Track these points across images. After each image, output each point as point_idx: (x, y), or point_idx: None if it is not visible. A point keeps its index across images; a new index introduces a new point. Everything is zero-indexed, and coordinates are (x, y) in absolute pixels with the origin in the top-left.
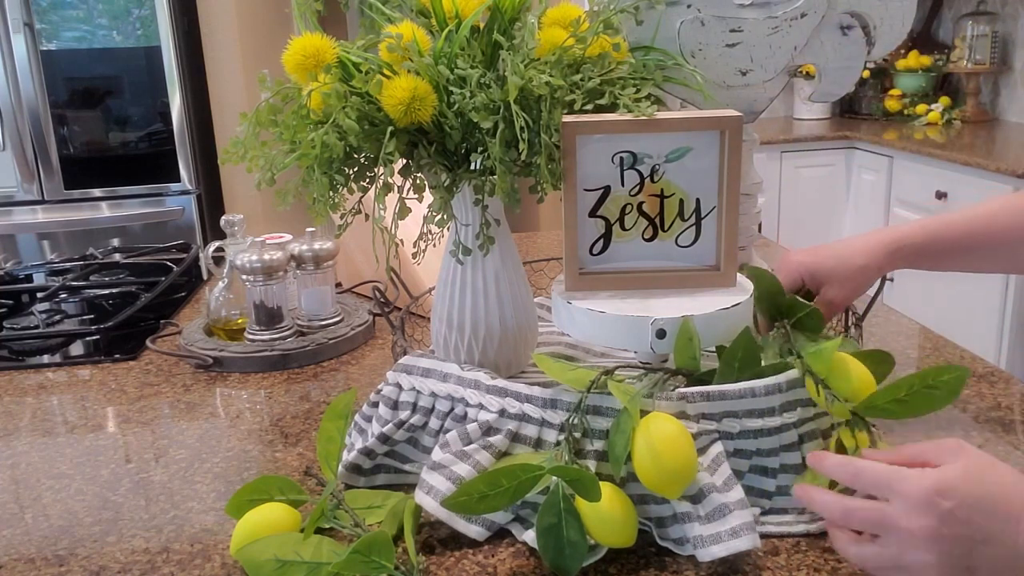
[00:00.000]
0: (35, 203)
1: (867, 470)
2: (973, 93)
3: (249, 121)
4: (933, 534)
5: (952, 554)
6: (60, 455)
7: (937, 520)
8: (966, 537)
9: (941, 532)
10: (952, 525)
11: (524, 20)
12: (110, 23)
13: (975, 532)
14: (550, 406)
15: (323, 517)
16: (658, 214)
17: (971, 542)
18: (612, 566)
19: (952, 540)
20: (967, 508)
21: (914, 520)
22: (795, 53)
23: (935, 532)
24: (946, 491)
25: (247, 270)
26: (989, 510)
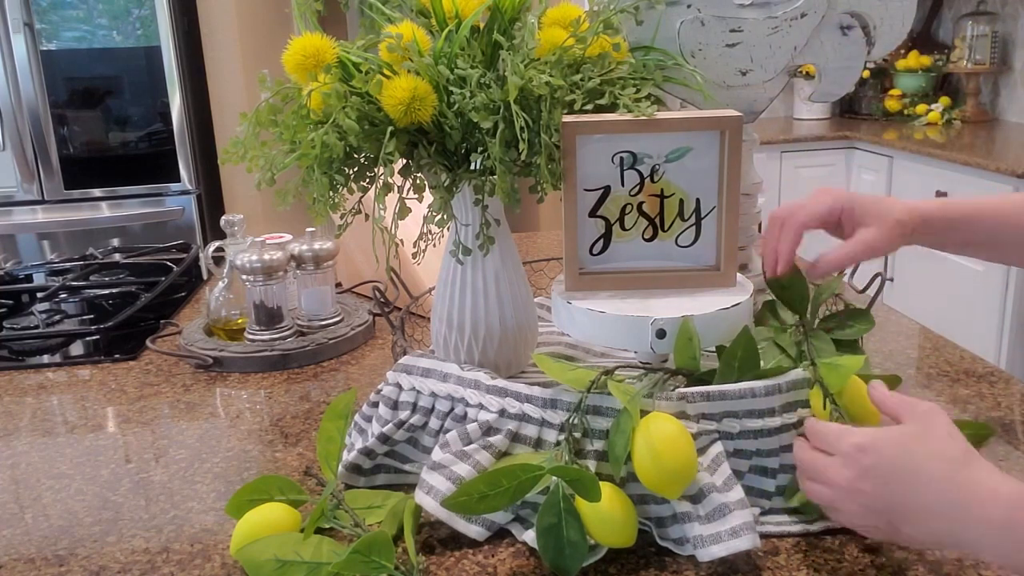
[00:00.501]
0: (35, 203)
1: (819, 428)
2: (973, 93)
3: (249, 121)
4: (852, 487)
5: (872, 508)
6: (60, 455)
7: (859, 473)
8: (882, 495)
9: (859, 486)
10: (871, 481)
11: (524, 20)
12: (110, 23)
13: (894, 494)
14: (550, 406)
15: (323, 517)
16: (658, 214)
17: (888, 501)
18: (612, 566)
19: (870, 495)
20: (885, 469)
21: (840, 472)
22: (795, 53)
23: (854, 485)
24: (869, 450)
25: (247, 270)
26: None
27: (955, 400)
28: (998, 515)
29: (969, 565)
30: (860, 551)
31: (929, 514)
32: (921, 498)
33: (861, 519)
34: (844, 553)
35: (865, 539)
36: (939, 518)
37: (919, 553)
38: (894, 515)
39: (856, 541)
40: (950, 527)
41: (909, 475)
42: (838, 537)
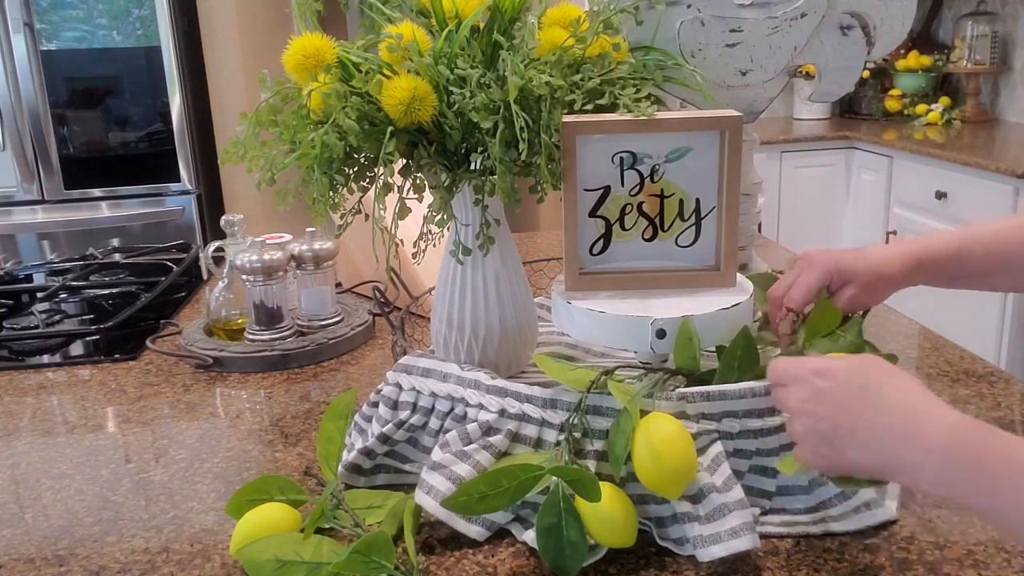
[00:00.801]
0: (35, 203)
1: (778, 364)
2: (973, 93)
3: (249, 121)
4: (804, 407)
5: (819, 429)
6: (60, 455)
7: (810, 395)
8: (834, 418)
9: (812, 408)
10: (822, 403)
11: (524, 20)
12: (110, 23)
13: (844, 416)
14: (550, 406)
15: (323, 517)
16: (658, 214)
17: (838, 422)
18: (612, 566)
19: (819, 417)
20: (839, 391)
21: (795, 395)
22: (795, 53)
23: (806, 407)
24: (822, 372)
25: (247, 270)
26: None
27: (955, 400)
28: (942, 439)
29: (969, 565)
30: (859, 551)
31: (876, 437)
32: (871, 420)
33: (805, 442)
34: (844, 553)
35: (865, 539)
36: (885, 441)
37: (919, 553)
38: (841, 438)
39: (856, 541)
40: (894, 451)
41: (863, 397)
42: (838, 537)
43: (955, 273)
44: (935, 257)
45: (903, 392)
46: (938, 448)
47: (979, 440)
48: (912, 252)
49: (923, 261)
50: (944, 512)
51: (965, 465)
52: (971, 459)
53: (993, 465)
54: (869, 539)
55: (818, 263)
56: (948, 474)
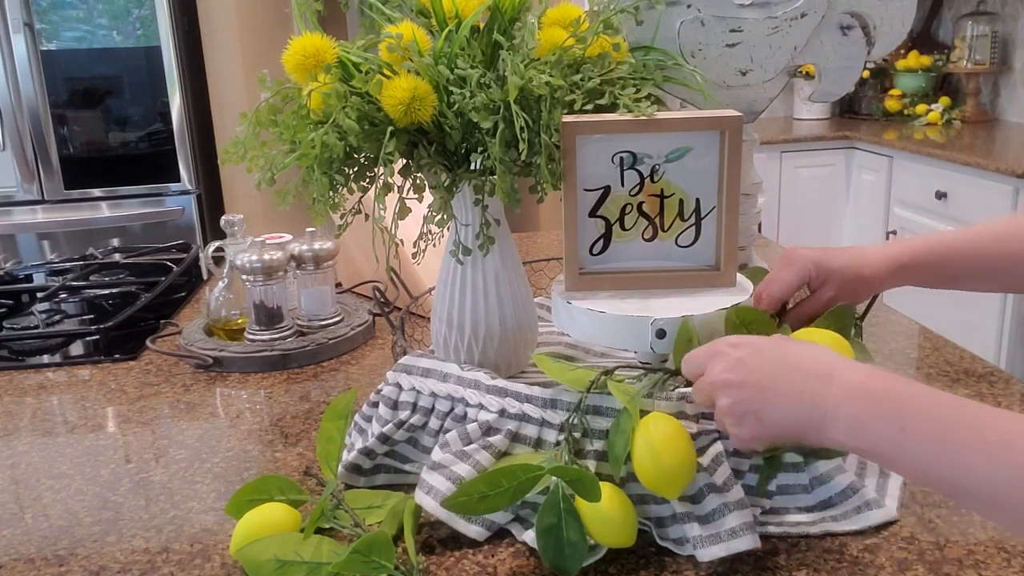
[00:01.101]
0: (35, 203)
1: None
2: (973, 93)
3: (249, 121)
4: (725, 380)
5: (741, 399)
6: (60, 455)
7: (729, 366)
8: (753, 383)
9: (730, 378)
10: (740, 371)
11: (524, 20)
12: (110, 23)
13: (762, 378)
14: (550, 406)
15: (323, 517)
16: (658, 214)
17: (757, 388)
18: (612, 566)
19: (740, 385)
20: (756, 357)
21: (713, 371)
22: (795, 53)
23: (726, 378)
24: (740, 344)
25: (247, 270)
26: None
27: None
28: (857, 379)
29: (969, 565)
30: (859, 551)
31: (793, 391)
32: (787, 377)
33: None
34: (844, 553)
35: (865, 539)
36: (803, 393)
37: (919, 553)
38: (760, 402)
39: (856, 541)
40: (812, 399)
41: (778, 358)
42: (838, 537)
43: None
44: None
45: (815, 351)
46: (850, 395)
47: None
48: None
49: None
50: (944, 512)
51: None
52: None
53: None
54: (869, 539)
55: (798, 260)
56: (861, 420)
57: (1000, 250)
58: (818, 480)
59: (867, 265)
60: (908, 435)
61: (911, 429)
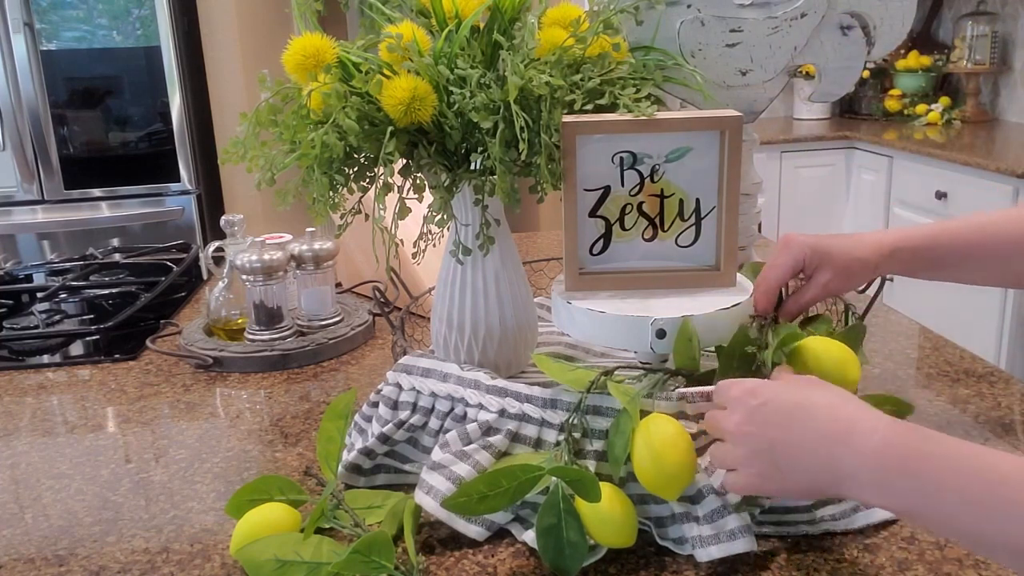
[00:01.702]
0: (35, 203)
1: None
2: (973, 93)
3: (249, 121)
4: (741, 429)
5: (758, 449)
6: (60, 455)
7: (746, 416)
8: (767, 435)
9: (747, 429)
10: (756, 422)
11: (524, 20)
12: (110, 23)
13: (776, 430)
14: (550, 406)
15: (323, 517)
16: (658, 214)
17: (772, 439)
18: (612, 566)
19: (757, 436)
20: (773, 407)
21: (730, 418)
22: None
23: (742, 427)
24: (757, 392)
25: (247, 270)
26: (794, 413)
27: (955, 400)
28: (874, 443)
29: (969, 565)
30: (859, 551)
31: (809, 449)
32: (802, 434)
33: (748, 467)
34: (843, 554)
35: (865, 539)
36: (818, 453)
37: (919, 553)
38: (777, 455)
39: (856, 541)
40: (829, 461)
41: (794, 412)
42: (838, 537)
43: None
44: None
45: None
46: (870, 453)
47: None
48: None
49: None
50: None
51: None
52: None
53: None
54: (869, 539)
55: (793, 245)
56: (884, 478)
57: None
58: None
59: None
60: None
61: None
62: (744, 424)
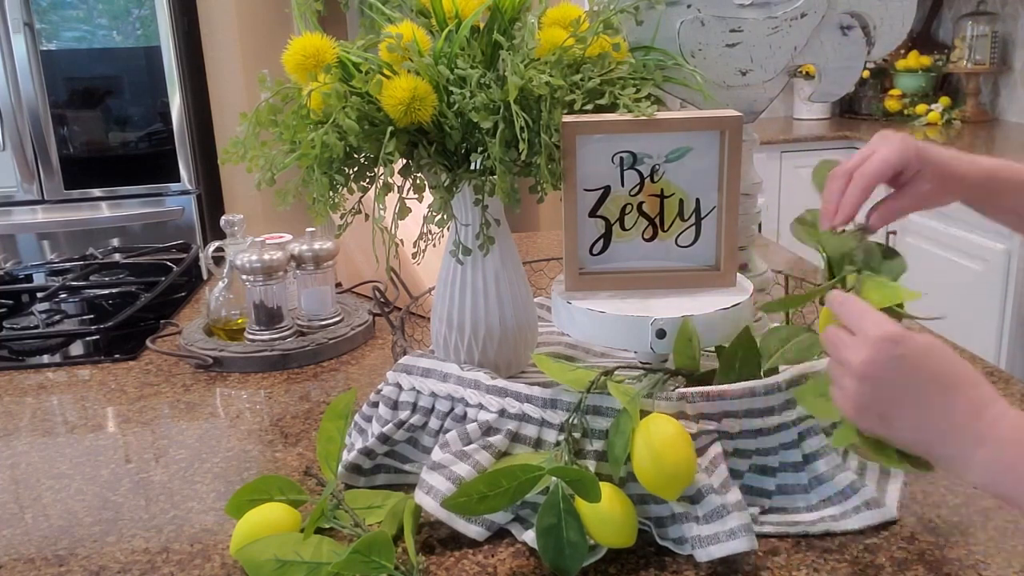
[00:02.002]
0: (35, 203)
1: (849, 303)
2: (973, 93)
3: (249, 121)
4: (865, 370)
5: (872, 395)
6: (60, 455)
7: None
8: (896, 386)
9: (873, 372)
10: (889, 370)
11: (524, 20)
12: (110, 23)
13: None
14: (550, 406)
15: (323, 517)
16: (658, 214)
17: (897, 393)
18: (612, 566)
19: (879, 381)
20: (912, 364)
21: (858, 352)
22: (795, 53)
23: (867, 368)
24: (902, 341)
25: (247, 270)
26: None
27: None
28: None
29: (969, 565)
30: (860, 551)
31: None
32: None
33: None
34: (844, 553)
35: (865, 539)
36: (940, 421)
37: (919, 553)
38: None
39: (856, 541)
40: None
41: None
42: (838, 537)
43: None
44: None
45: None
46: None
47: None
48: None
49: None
50: (944, 512)
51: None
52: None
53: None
54: (869, 539)
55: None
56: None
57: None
58: (818, 480)
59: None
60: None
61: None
62: (878, 368)
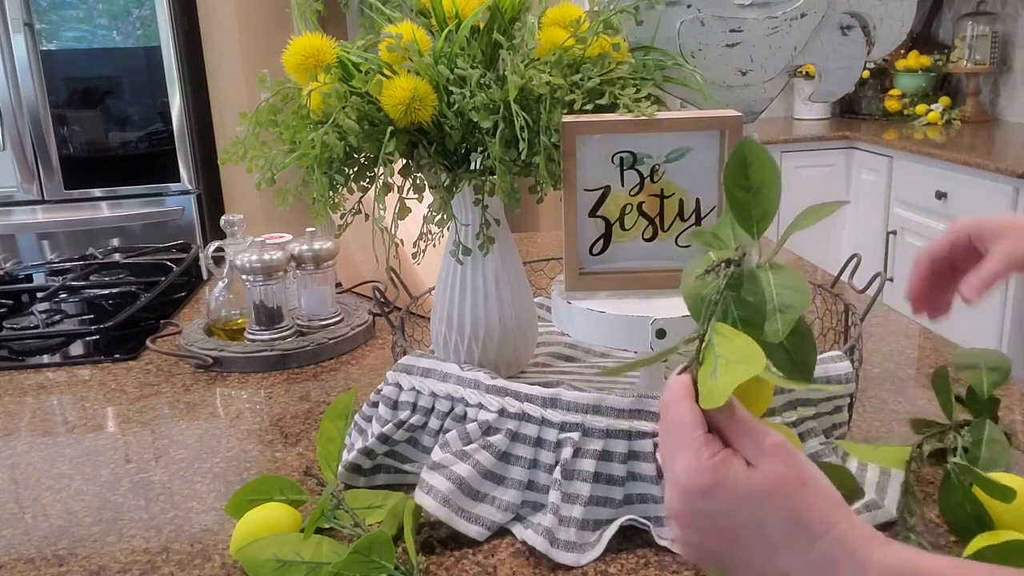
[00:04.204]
0: (35, 203)
1: (668, 417)
2: (973, 93)
3: (249, 121)
4: (677, 520)
5: (694, 543)
6: (60, 455)
7: (684, 510)
8: (714, 541)
9: (685, 523)
10: (701, 524)
11: (524, 20)
12: (110, 23)
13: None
14: (550, 405)
15: (323, 517)
16: (658, 214)
17: (718, 548)
18: (612, 566)
19: (694, 532)
20: (728, 520)
21: (669, 495)
22: (795, 53)
23: (679, 519)
24: (710, 494)
25: (247, 270)
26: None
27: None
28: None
29: None
30: None
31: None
32: (754, 555)
33: (683, 548)
34: None
35: None
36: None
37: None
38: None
39: None
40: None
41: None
42: None
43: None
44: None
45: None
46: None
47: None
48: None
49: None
50: None
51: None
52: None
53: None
54: None
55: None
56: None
57: None
58: None
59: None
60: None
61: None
62: (684, 518)
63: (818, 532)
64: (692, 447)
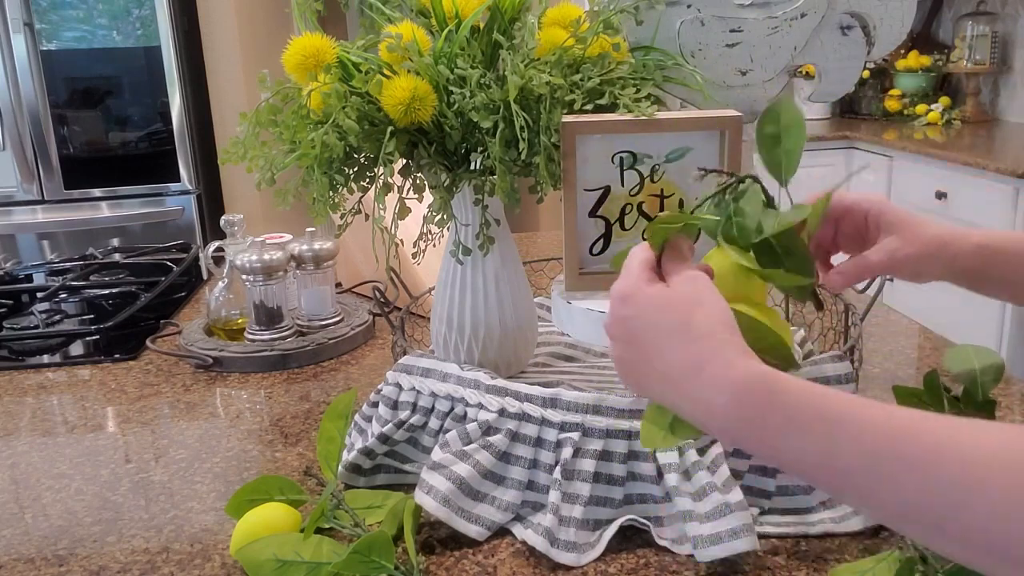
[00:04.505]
0: (35, 203)
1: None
2: (973, 93)
3: (249, 121)
4: (607, 331)
5: (619, 354)
6: (60, 455)
7: (611, 319)
8: (632, 344)
9: (611, 332)
10: (621, 329)
11: (524, 20)
12: (110, 23)
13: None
14: (550, 405)
15: (323, 517)
16: (658, 214)
17: (636, 350)
18: (612, 566)
19: (617, 340)
20: (644, 321)
21: (609, 310)
22: (795, 53)
23: (608, 329)
24: (630, 299)
25: (247, 270)
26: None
27: None
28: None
29: None
30: (860, 552)
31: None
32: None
33: (616, 364)
34: (844, 553)
35: (865, 540)
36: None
37: (919, 553)
38: (642, 366)
39: (856, 541)
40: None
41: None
42: (838, 538)
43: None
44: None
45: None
46: (731, 385)
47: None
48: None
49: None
50: None
51: (756, 405)
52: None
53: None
54: (869, 539)
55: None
56: (739, 413)
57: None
58: None
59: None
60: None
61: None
62: (610, 328)
63: (698, 335)
64: (630, 272)
